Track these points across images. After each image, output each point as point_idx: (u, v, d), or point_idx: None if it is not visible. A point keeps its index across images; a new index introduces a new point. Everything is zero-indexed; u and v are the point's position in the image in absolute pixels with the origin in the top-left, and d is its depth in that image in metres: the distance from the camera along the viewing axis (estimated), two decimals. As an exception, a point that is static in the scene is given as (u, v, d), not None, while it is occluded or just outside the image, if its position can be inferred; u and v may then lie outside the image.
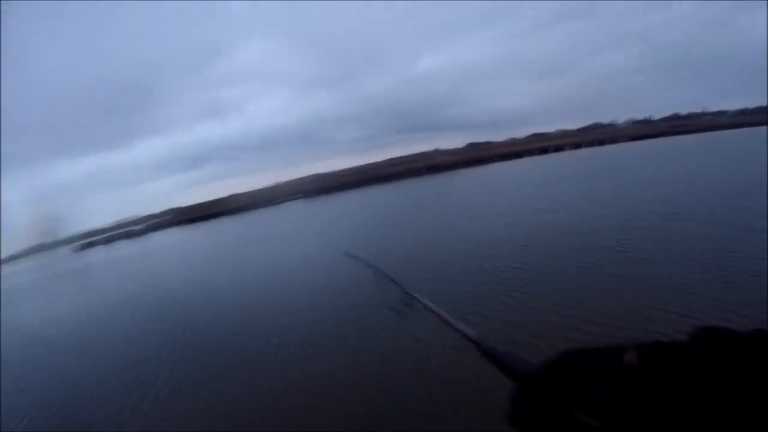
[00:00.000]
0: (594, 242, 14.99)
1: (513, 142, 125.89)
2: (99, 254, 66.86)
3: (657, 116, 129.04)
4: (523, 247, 15.67)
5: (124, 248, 68.42)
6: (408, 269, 15.08)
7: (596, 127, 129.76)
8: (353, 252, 7.68)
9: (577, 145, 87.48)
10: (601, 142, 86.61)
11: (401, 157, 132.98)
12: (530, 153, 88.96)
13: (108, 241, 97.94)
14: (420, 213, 33.01)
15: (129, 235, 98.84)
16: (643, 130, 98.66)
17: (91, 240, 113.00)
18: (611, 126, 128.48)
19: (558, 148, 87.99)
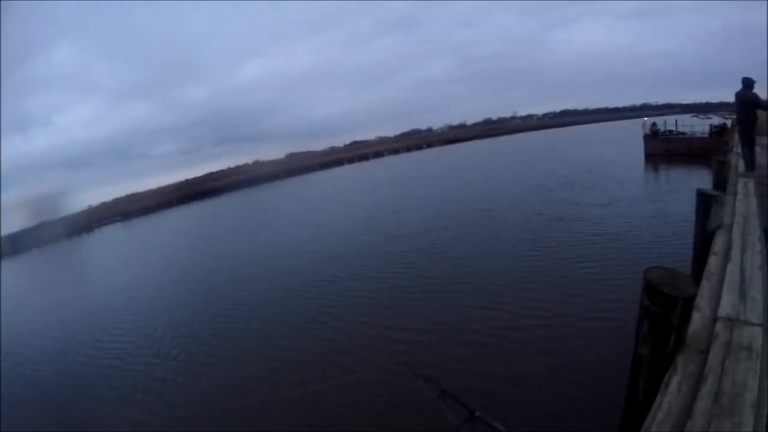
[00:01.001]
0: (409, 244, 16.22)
1: (333, 150, 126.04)
2: None
3: (470, 121, 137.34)
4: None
5: None
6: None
7: (414, 132, 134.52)
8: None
9: (396, 151, 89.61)
10: (419, 147, 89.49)
11: (221, 171, 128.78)
12: (350, 160, 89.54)
13: None
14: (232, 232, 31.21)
15: None
16: (458, 134, 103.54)
17: None
18: (428, 131, 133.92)
19: (378, 155, 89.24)
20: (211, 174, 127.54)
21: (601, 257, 11.30)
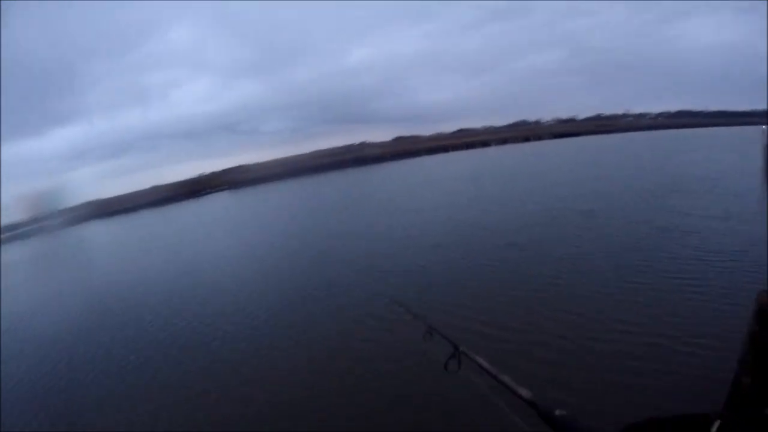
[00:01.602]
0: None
1: (440, 136, 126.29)
2: (12, 252, 62.48)
3: (581, 116, 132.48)
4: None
5: (37, 246, 64.40)
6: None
7: (522, 124, 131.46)
8: (400, 300, 7.72)
9: (503, 141, 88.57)
10: (527, 139, 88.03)
11: (328, 149, 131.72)
12: (456, 148, 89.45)
13: (23, 237, 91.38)
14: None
15: (45, 230, 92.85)
16: (567, 128, 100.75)
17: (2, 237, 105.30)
18: (537, 124, 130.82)
19: (484, 144, 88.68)
20: (319, 151, 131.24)
21: (706, 274, 10.45)
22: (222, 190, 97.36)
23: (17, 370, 12.37)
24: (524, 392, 1.50)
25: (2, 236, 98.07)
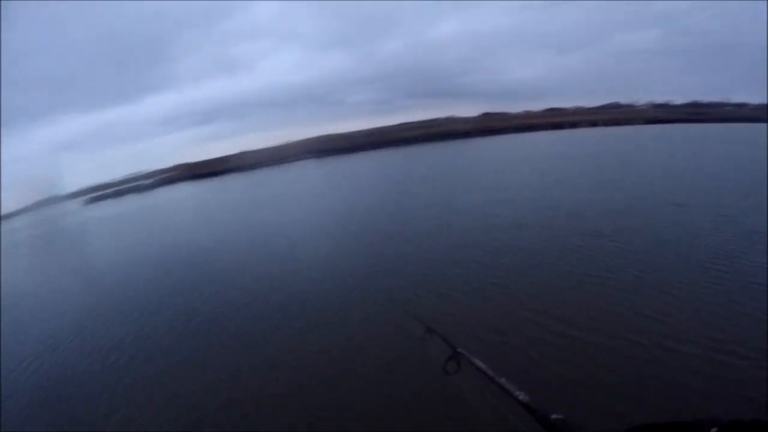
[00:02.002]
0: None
1: (528, 114, 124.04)
2: (107, 208, 67.60)
3: (677, 101, 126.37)
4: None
5: (132, 202, 69.36)
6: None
7: (614, 106, 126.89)
8: (414, 311, 7.89)
9: (593, 123, 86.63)
10: (618, 123, 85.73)
11: (414, 122, 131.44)
12: (544, 127, 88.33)
13: (117, 195, 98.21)
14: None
15: (138, 190, 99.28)
16: (661, 114, 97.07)
17: (99, 194, 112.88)
18: (630, 107, 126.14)
19: (573, 125, 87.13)
20: (404, 124, 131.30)
21: None
22: (307, 158, 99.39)
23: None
24: (521, 395, 1.53)
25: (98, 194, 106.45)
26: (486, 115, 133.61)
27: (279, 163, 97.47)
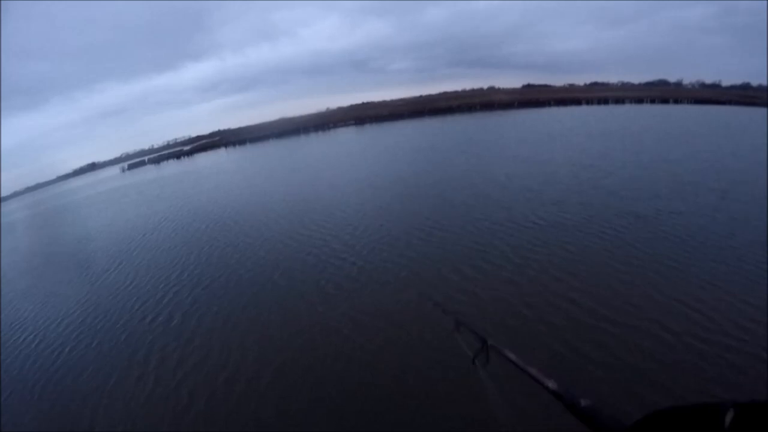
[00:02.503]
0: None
1: (572, 88, 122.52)
2: (144, 174, 69.79)
3: (726, 82, 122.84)
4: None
5: (170, 168, 71.14)
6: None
7: (661, 83, 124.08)
8: (437, 298, 9.26)
9: (639, 100, 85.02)
10: (665, 101, 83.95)
11: (455, 92, 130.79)
12: (589, 102, 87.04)
13: (156, 161, 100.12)
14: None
15: (176, 156, 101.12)
16: (710, 94, 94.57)
17: (138, 160, 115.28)
18: (677, 85, 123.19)
19: (618, 101, 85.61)
20: (445, 93, 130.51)
21: None
22: (347, 125, 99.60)
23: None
24: (551, 384, 1.52)
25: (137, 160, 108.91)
26: (528, 86, 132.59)
27: (318, 130, 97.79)
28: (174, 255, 17.83)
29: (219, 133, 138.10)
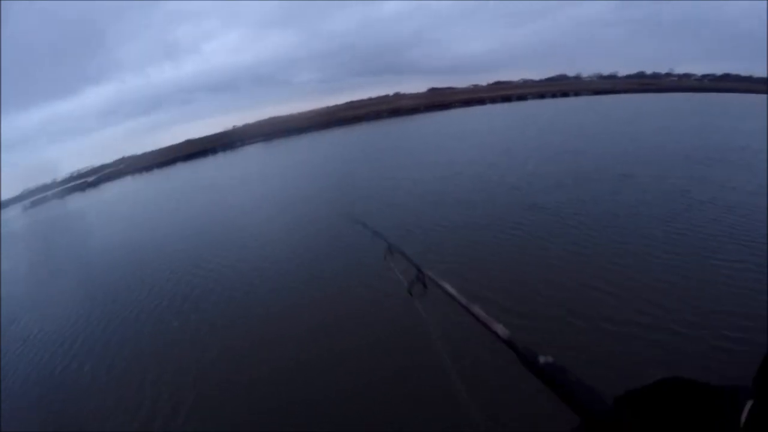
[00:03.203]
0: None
1: (476, 89, 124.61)
2: (47, 212, 64.36)
3: (622, 72, 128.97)
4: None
5: (75, 202, 66.33)
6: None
7: (561, 78, 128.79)
8: (360, 218, 7.22)
9: (541, 95, 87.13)
10: (565, 94, 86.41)
11: (362, 100, 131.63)
12: (493, 101, 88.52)
13: (60, 195, 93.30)
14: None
15: (81, 188, 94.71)
16: (608, 85, 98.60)
17: (39, 197, 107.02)
18: (576, 79, 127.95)
19: (521, 98, 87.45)
20: (353, 102, 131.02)
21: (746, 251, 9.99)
22: (256, 142, 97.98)
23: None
24: (499, 329, 1.26)
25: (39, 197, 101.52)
26: (433, 90, 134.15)
27: (227, 149, 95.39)
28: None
29: (123, 160, 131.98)
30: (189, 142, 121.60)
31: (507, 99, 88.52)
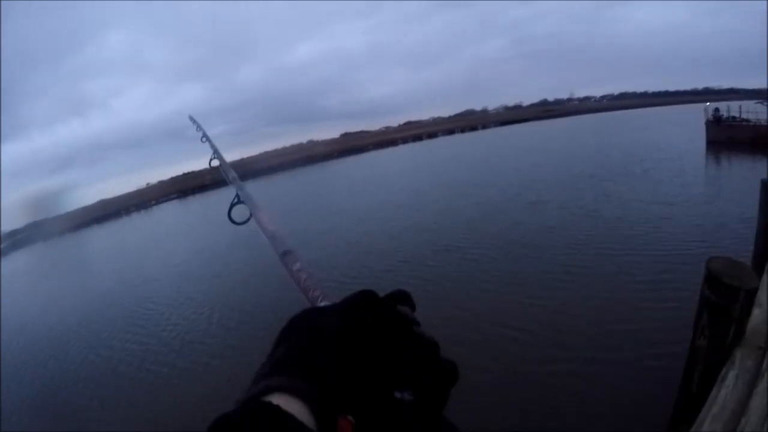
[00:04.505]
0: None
1: (387, 130, 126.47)
2: None
3: (526, 102, 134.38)
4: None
5: None
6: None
7: (469, 113, 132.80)
8: None
9: (450, 132, 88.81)
10: (473, 128, 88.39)
11: (276, 150, 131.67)
12: (405, 141, 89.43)
13: None
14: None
15: None
16: (514, 115, 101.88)
17: None
18: (483, 112, 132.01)
19: (431, 135, 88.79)
20: (267, 152, 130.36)
21: (655, 249, 10.71)
22: (170, 199, 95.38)
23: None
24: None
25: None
26: (346, 135, 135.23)
27: (140, 209, 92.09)
28: None
29: (35, 224, 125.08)
30: (103, 202, 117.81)
31: (418, 138, 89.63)
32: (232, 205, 1.66)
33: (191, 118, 3.10)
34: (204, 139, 2.65)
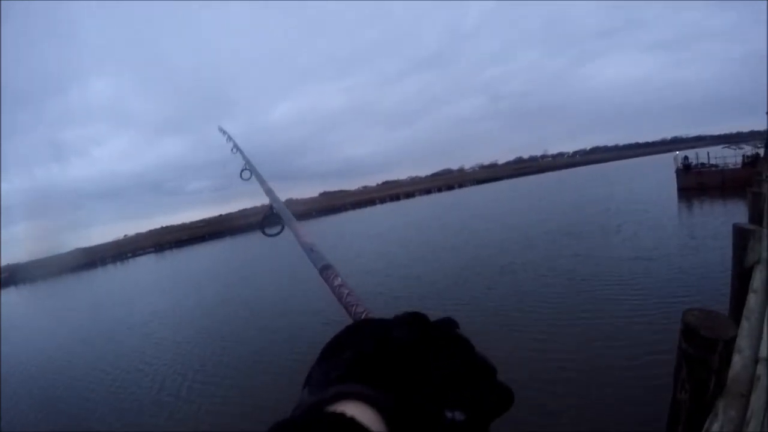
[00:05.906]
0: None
1: (366, 190, 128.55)
2: None
3: (502, 160, 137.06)
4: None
5: None
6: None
7: (446, 172, 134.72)
8: None
9: (427, 191, 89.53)
10: (450, 187, 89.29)
11: (255, 207, 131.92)
12: (382, 200, 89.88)
13: None
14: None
15: None
16: (489, 173, 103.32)
17: None
18: (460, 171, 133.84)
19: (409, 195, 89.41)
20: (245, 210, 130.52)
21: (633, 300, 10.78)
22: (147, 252, 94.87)
23: None
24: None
25: None
26: (325, 194, 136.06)
27: (116, 261, 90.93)
28: None
29: (8, 268, 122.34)
30: (77, 251, 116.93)
31: (396, 198, 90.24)
32: (264, 217, 1.70)
33: (221, 129, 3.05)
34: (235, 150, 2.61)
